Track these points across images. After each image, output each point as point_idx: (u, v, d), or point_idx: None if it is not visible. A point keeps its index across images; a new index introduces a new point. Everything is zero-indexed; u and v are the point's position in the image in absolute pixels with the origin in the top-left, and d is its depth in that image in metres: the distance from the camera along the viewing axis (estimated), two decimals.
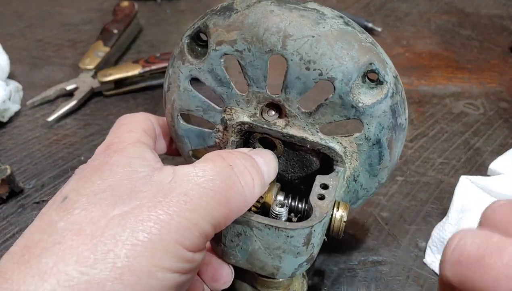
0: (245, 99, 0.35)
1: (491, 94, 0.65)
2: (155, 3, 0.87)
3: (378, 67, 0.32)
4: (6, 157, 0.55)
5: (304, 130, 0.35)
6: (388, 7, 0.86)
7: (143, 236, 0.25)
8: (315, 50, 0.31)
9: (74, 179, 0.29)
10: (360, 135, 0.34)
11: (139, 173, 0.28)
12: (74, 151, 0.55)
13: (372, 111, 0.33)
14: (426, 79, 0.68)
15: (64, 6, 0.86)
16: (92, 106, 0.63)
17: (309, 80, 0.32)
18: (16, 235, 0.45)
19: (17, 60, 0.69)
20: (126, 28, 0.73)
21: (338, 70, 0.31)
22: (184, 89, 0.36)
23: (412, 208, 0.49)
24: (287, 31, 0.31)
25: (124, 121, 0.35)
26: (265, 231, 0.31)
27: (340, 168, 0.35)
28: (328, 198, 0.33)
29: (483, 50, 0.75)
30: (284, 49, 0.32)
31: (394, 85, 0.33)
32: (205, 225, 0.27)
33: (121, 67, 0.65)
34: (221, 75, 0.34)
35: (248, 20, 0.32)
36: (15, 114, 0.61)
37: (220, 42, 0.33)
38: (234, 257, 0.34)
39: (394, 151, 0.36)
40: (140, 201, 0.26)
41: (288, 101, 0.34)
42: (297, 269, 0.34)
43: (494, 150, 0.56)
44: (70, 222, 0.25)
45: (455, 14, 0.85)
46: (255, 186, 0.30)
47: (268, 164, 0.33)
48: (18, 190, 0.49)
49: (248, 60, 0.33)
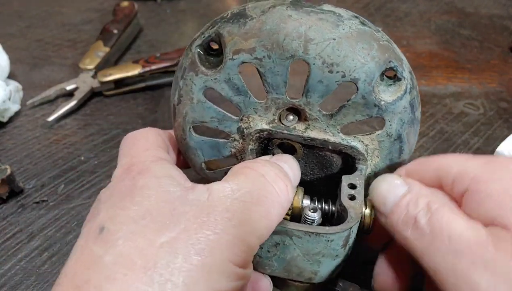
0: (263, 107, 0.35)
1: (491, 94, 0.65)
2: (155, 3, 0.87)
3: (397, 64, 0.33)
4: (6, 157, 0.55)
5: (325, 132, 0.35)
6: (388, 7, 0.86)
7: (196, 260, 0.24)
8: (338, 53, 0.31)
9: (104, 206, 0.27)
10: (382, 133, 0.35)
11: (173, 193, 0.27)
12: (74, 151, 0.55)
13: (394, 108, 0.33)
14: (426, 79, 0.68)
15: (64, 6, 0.86)
16: (92, 106, 0.63)
17: (332, 82, 0.32)
18: (16, 235, 0.45)
19: (17, 60, 0.69)
20: (126, 28, 0.73)
21: (361, 70, 0.32)
22: (198, 101, 0.35)
23: None
24: (308, 36, 0.31)
25: (133, 140, 0.33)
26: (305, 238, 0.31)
27: (363, 165, 0.35)
28: (359, 198, 0.33)
29: (483, 50, 0.75)
30: (306, 54, 0.31)
31: (411, 81, 0.34)
32: (250, 239, 0.26)
33: (121, 67, 0.65)
34: (239, 84, 0.34)
35: (266, 26, 0.32)
36: (15, 114, 0.61)
37: (238, 50, 0.32)
38: (269, 267, 0.33)
39: (412, 143, 0.36)
40: (184, 224, 0.25)
41: (309, 105, 0.34)
42: (334, 271, 0.34)
43: (494, 150, 0.56)
44: (117, 255, 0.24)
45: (455, 14, 0.85)
46: (289, 191, 0.30)
47: (292, 168, 0.33)
48: (18, 190, 0.49)
49: (268, 67, 0.32)
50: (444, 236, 0.28)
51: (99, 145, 0.56)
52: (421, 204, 0.30)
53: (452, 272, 0.27)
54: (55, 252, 0.44)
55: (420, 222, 0.29)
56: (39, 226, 0.46)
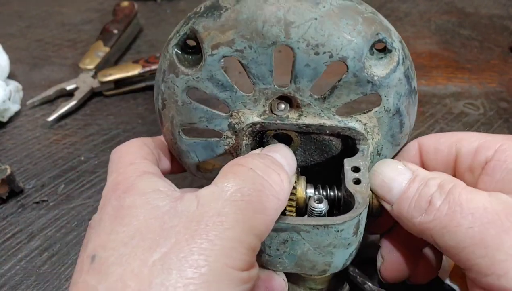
0: (251, 99, 0.33)
1: (491, 94, 0.65)
2: (155, 3, 0.87)
3: (385, 36, 0.31)
4: (6, 157, 0.55)
5: (320, 116, 0.33)
6: (388, 7, 0.86)
7: (192, 272, 0.23)
8: (321, 33, 0.30)
9: (94, 233, 0.27)
10: (379, 109, 0.33)
11: (162, 208, 0.26)
12: (74, 151, 0.55)
13: (388, 82, 0.32)
14: (426, 79, 0.68)
15: (64, 6, 0.86)
16: (92, 106, 0.63)
17: (320, 64, 0.30)
18: (16, 235, 0.45)
19: (17, 60, 0.69)
20: (126, 28, 0.73)
21: (349, 48, 0.30)
22: (183, 103, 0.34)
23: None
24: (287, 19, 0.29)
25: (120, 154, 0.33)
26: (313, 231, 0.30)
27: (364, 145, 0.34)
28: (364, 181, 0.32)
29: (483, 50, 0.75)
30: (288, 39, 0.30)
31: (402, 51, 0.32)
32: (248, 239, 0.25)
33: (121, 67, 0.65)
34: (223, 80, 0.32)
35: (242, 15, 0.30)
36: (15, 114, 0.61)
37: (216, 45, 0.31)
38: (281, 264, 0.32)
39: (412, 115, 0.35)
40: (175, 237, 0.24)
41: (299, 91, 0.32)
42: (348, 259, 0.33)
43: None
44: (111, 282, 0.23)
45: (455, 14, 0.85)
46: (283, 181, 0.28)
47: (285, 157, 0.31)
48: (18, 190, 0.49)
49: (250, 58, 0.31)
50: (466, 212, 0.28)
51: (99, 145, 0.56)
52: (433, 186, 0.30)
53: (480, 244, 0.27)
54: (55, 252, 0.44)
55: (436, 203, 0.29)
56: (39, 226, 0.46)
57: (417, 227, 0.30)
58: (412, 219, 0.30)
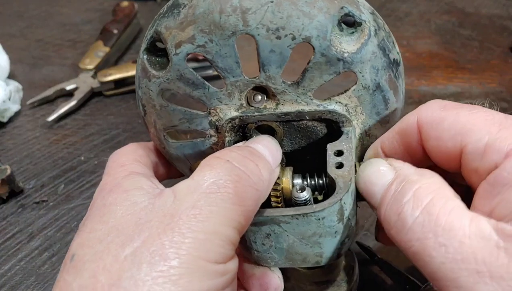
0: (225, 94, 0.32)
1: (491, 94, 0.65)
2: (155, 3, 0.87)
3: (351, 9, 0.30)
4: (6, 157, 0.55)
5: (297, 103, 0.32)
6: (388, 7, 0.86)
7: (162, 265, 0.23)
8: (280, 15, 0.28)
9: (77, 233, 0.27)
10: (357, 87, 0.31)
11: (139, 204, 0.26)
12: (74, 151, 0.55)
13: (361, 57, 0.30)
14: (426, 79, 0.68)
15: (64, 6, 0.86)
16: (92, 106, 0.63)
17: (284, 48, 0.29)
18: (16, 235, 0.45)
19: (17, 60, 0.69)
20: (126, 28, 0.73)
21: (311, 27, 0.29)
22: (160, 107, 0.33)
23: None
24: (243, 6, 0.29)
25: (114, 158, 0.33)
26: (293, 222, 0.29)
27: (348, 128, 0.32)
28: (347, 164, 0.30)
29: (483, 50, 0.75)
30: (247, 27, 0.29)
31: (374, 22, 0.31)
32: (225, 231, 0.25)
33: (121, 67, 0.65)
34: (192, 78, 0.32)
35: (199, 9, 0.29)
36: (15, 114, 0.61)
37: (179, 44, 0.30)
38: (272, 260, 0.31)
39: (398, 90, 0.33)
40: (148, 231, 0.24)
41: (270, 80, 0.31)
42: (340, 248, 0.31)
43: None
44: (84, 278, 0.24)
45: (455, 14, 0.85)
46: (261, 170, 0.28)
47: (267, 146, 0.30)
48: (18, 190, 0.49)
49: (214, 52, 0.30)
50: (440, 243, 0.23)
51: (99, 145, 0.56)
52: (408, 191, 0.25)
53: (453, 283, 0.22)
54: (55, 252, 0.44)
55: (407, 220, 0.24)
56: (39, 226, 0.46)
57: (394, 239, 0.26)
58: (388, 230, 0.26)
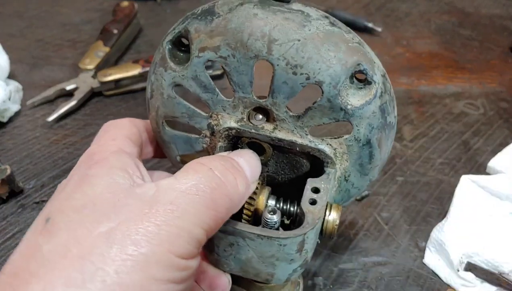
0: (231, 105, 0.34)
1: (491, 94, 0.65)
2: (155, 3, 0.87)
3: (366, 67, 0.31)
4: (6, 157, 0.55)
5: (293, 133, 0.34)
6: (388, 7, 0.86)
7: (132, 250, 0.24)
8: (302, 54, 0.30)
9: (55, 196, 0.28)
10: (349, 137, 0.34)
11: (121, 185, 0.28)
12: (74, 151, 0.55)
13: (362, 112, 0.32)
14: (426, 79, 0.68)
15: (64, 6, 0.86)
16: (92, 106, 0.63)
17: (296, 84, 0.31)
18: (16, 235, 0.45)
19: (17, 60, 0.69)
20: (126, 28, 0.73)
21: (326, 73, 0.31)
22: (168, 97, 0.35)
23: (412, 208, 0.49)
24: (272, 36, 0.31)
25: (107, 128, 0.34)
26: (257, 240, 0.31)
27: (331, 169, 0.35)
28: (319, 203, 0.32)
29: (483, 50, 0.75)
30: (269, 55, 0.31)
31: (382, 85, 0.33)
32: (195, 230, 0.27)
33: (121, 67, 0.65)
34: (206, 82, 0.33)
35: (231, 25, 0.31)
36: (15, 114, 0.61)
37: (203, 48, 0.32)
38: (228, 266, 0.34)
39: (384, 149, 0.36)
40: (125, 215, 0.25)
41: (275, 106, 0.33)
42: (291, 274, 0.33)
43: (494, 150, 0.56)
44: (55, 244, 0.25)
45: (455, 14, 0.85)
46: (238, 184, 0.30)
47: (248, 162, 0.32)
48: (18, 190, 0.49)
49: (232, 66, 0.32)
50: None
51: None
52: None
53: None
54: None
55: None
56: None
57: None
58: None
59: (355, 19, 0.78)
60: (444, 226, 0.44)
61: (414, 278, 0.42)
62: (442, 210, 0.48)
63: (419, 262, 0.44)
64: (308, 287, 0.41)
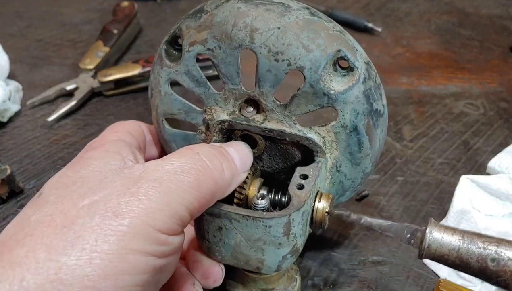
0: (222, 98, 0.36)
1: (491, 94, 0.65)
2: (155, 3, 0.87)
3: (347, 54, 0.33)
4: (6, 157, 0.55)
5: (281, 123, 0.35)
6: (388, 7, 0.86)
7: (112, 221, 0.25)
8: (282, 41, 0.32)
9: (54, 175, 0.30)
10: (336, 124, 0.34)
11: (111, 165, 0.29)
12: (74, 151, 0.55)
13: (345, 97, 0.33)
14: (426, 79, 0.68)
15: (64, 6, 0.86)
16: (92, 106, 0.63)
17: (279, 71, 0.33)
18: None
19: (17, 60, 0.69)
20: (126, 28, 0.73)
21: (306, 59, 0.32)
22: (165, 93, 0.37)
23: (412, 208, 0.49)
24: (253, 26, 0.32)
25: (113, 126, 0.36)
26: (243, 222, 0.31)
27: (321, 158, 0.35)
28: (307, 187, 0.33)
29: (483, 50, 0.75)
30: (252, 43, 0.33)
31: (366, 71, 0.34)
32: (177, 206, 0.27)
33: (121, 67, 0.65)
34: (197, 76, 0.35)
35: (217, 18, 0.34)
36: (15, 114, 0.60)
37: (193, 42, 0.34)
38: (219, 253, 0.34)
39: (374, 138, 0.36)
40: (109, 190, 0.27)
41: (263, 96, 0.34)
42: (281, 262, 0.33)
43: (494, 150, 0.56)
44: (42, 215, 0.26)
45: (455, 14, 0.85)
46: (224, 169, 0.31)
47: (238, 152, 0.33)
48: (18, 190, 0.49)
49: (220, 57, 0.34)
50: None
51: None
52: None
53: None
54: None
55: None
56: None
57: None
58: None
59: (355, 19, 0.78)
60: None
61: (414, 278, 0.42)
62: (442, 210, 0.48)
63: (419, 262, 0.44)
64: (308, 287, 0.41)
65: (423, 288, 0.42)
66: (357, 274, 0.43)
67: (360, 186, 0.39)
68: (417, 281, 0.42)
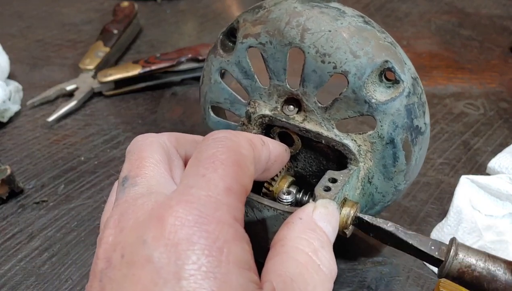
0: (267, 93, 0.37)
1: (491, 95, 0.65)
2: (155, 3, 0.87)
3: (395, 65, 0.33)
4: (6, 157, 0.55)
5: (320, 125, 0.35)
6: (388, 7, 0.86)
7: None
8: (331, 44, 0.32)
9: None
10: (373, 133, 0.34)
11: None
12: (74, 151, 0.55)
13: (385, 108, 0.33)
14: (426, 79, 0.68)
15: (64, 6, 0.86)
16: (92, 106, 0.63)
17: (324, 73, 0.33)
18: (16, 235, 0.45)
19: (17, 60, 0.69)
20: (126, 28, 0.73)
21: (352, 64, 0.32)
22: (214, 82, 0.39)
23: (412, 208, 0.49)
24: (306, 25, 0.33)
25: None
26: (264, 212, 0.32)
27: (354, 166, 0.35)
28: (333, 190, 0.32)
29: (483, 50, 0.75)
30: (302, 42, 0.33)
31: (411, 86, 0.33)
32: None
33: (121, 67, 0.65)
34: (247, 68, 0.37)
35: (273, 15, 0.35)
36: (15, 115, 0.60)
37: (247, 35, 0.36)
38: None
39: (411, 155, 0.35)
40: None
41: (305, 95, 0.35)
42: None
43: (494, 150, 0.56)
44: None
45: (455, 14, 0.85)
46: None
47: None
48: (18, 190, 0.49)
49: (270, 52, 0.35)
50: None
51: (99, 145, 0.56)
52: None
53: None
54: (55, 252, 0.44)
55: None
56: (39, 226, 0.46)
57: None
58: None
59: None
60: (444, 226, 0.44)
61: (414, 278, 0.42)
62: (442, 210, 0.48)
63: (419, 262, 0.44)
64: None
65: (423, 288, 0.42)
66: (357, 274, 0.43)
67: (390, 203, 0.38)
68: (417, 281, 0.42)
